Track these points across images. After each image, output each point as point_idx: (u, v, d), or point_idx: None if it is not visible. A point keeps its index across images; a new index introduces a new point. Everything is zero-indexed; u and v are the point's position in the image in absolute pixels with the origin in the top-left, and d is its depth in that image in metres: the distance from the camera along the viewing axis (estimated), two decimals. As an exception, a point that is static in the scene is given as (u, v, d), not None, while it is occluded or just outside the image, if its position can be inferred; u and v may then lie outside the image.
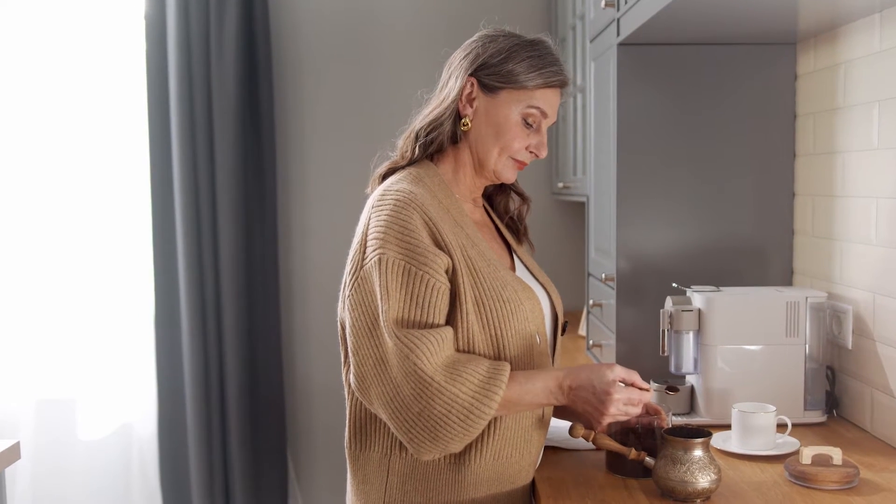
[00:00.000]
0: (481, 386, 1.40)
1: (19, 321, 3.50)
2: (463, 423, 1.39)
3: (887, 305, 1.76)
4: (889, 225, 1.76)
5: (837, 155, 1.96)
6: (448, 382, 1.38)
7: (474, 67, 1.56)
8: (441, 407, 1.38)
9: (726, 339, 1.88)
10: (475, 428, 1.40)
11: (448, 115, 1.57)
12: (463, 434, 1.40)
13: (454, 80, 1.58)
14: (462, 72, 1.57)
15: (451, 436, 1.40)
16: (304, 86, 3.63)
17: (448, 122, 1.57)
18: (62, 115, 3.48)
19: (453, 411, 1.38)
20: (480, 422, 1.40)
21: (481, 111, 1.56)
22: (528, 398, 1.46)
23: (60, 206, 3.51)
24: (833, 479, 1.49)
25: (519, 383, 1.45)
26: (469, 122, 1.57)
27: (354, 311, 1.45)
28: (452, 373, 1.39)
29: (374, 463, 1.54)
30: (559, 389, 1.47)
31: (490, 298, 1.47)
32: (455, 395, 1.38)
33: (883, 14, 1.76)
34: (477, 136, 1.57)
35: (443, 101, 1.58)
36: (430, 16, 3.58)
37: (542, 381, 1.47)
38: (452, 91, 1.57)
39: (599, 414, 1.47)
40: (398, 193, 1.48)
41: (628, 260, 2.21)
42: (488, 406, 1.40)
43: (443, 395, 1.38)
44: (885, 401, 1.77)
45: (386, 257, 1.42)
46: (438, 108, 1.58)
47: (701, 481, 1.42)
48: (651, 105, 2.18)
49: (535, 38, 1.59)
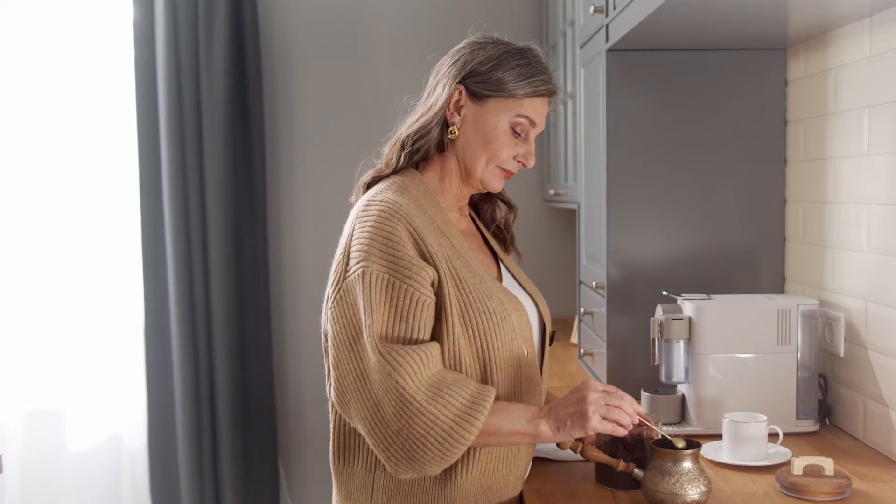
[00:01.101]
0: (463, 410, 1.36)
1: (7, 331, 3.47)
2: (441, 447, 1.35)
3: (879, 313, 1.74)
4: (880, 232, 1.74)
5: (828, 161, 1.94)
6: (429, 403, 1.35)
7: (463, 75, 1.53)
8: (420, 427, 1.35)
9: (717, 348, 1.85)
10: (453, 452, 1.36)
11: (436, 122, 1.54)
12: (440, 457, 1.36)
13: (441, 88, 1.55)
14: (450, 79, 1.54)
15: (429, 458, 1.36)
16: (293, 91, 3.61)
17: (435, 130, 1.55)
18: (50, 124, 3.45)
19: (432, 433, 1.35)
20: (459, 447, 1.36)
21: (469, 119, 1.54)
22: (507, 425, 1.40)
23: (49, 215, 3.47)
24: (825, 491, 1.47)
25: (501, 409, 1.40)
26: (457, 130, 1.55)
27: (336, 323, 1.43)
28: (436, 393, 1.36)
29: (357, 478, 1.52)
30: (539, 412, 1.42)
31: (476, 311, 1.45)
32: (436, 416, 1.35)
33: (872, 19, 1.74)
34: (464, 144, 1.55)
35: (430, 109, 1.55)
36: (421, 21, 3.56)
37: (522, 406, 1.43)
38: (440, 98, 1.54)
39: (584, 405, 1.39)
40: (382, 204, 1.46)
41: (619, 268, 2.19)
42: (468, 431, 1.36)
43: (423, 415, 1.35)
44: (877, 409, 1.75)
45: (370, 270, 1.40)
46: (426, 115, 1.55)
47: (690, 493, 1.40)
48: (641, 111, 2.17)
49: (524, 45, 1.57)
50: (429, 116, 1.55)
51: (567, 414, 1.40)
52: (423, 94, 1.61)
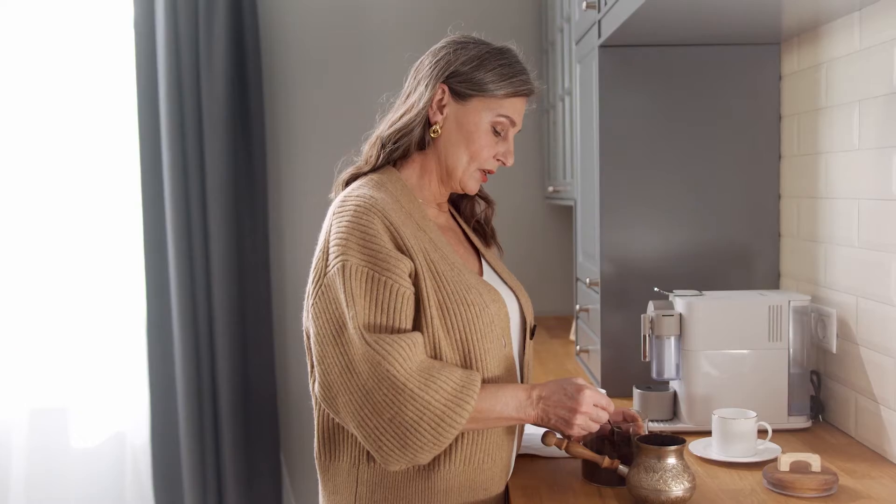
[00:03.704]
0: (454, 394, 1.39)
1: (11, 330, 3.50)
2: (434, 431, 1.37)
3: (870, 309, 1.73)
4: (871, 227, 1.73)
5: (821, 156, 1.93)
6: (421, 389, 1.37)
7: (446, 74, 1.54)
8: (413, 413, 1.36)
9: (708, 344, 1.85)
10: (445, 437, 1.39)
11: (418, 121, 1.55)
12: (433, 443, 1.38)
13: (424, 87, 1.56)
14: (433, 79, 1.55)
15: (421, 444, 1.37)
16: (293, 90, 3.62)
17: (418, 129, 1.56)
18: (52, 124, 3.47)
19: (425, 418, 1.37)
20: (452, 431, 1.39)
21: (451, 118, 1.55)
22: (497, 409, 1.44)
23: (51, 214, 3.50)
24: (811, 487, 1.46)
25: (490, 393, 1.44)
26: (439, 129, 1.56)
27: (318, 319, 1.43)
28: (427, 379, 1.38)
29: (342, 473, 1.53)
30: (528, 400, 1.46)
31: (454, 303, 1.46)
32: (428, 402, 1.37)
33: (862, 13, 1.73)
34: (447, 143, 1.56)
35: (412, 108, 1.56)
36: (421, 20, 3.56)
37: (511, 392, 1.46)
38: (423, 98, 1.55)
39: (573, 413, 1.45)
40: (358, 199, 1.47)
41: (613, 264, 2.19)
42: (460, 415, 1.38)
43: (415, 401, 1.36)
44: (868, 406, 1.74)
45: (349, 264, 1.41)
46: (408, 114, 1.56)
47: (674, 490, 1.40)
48: (634, 107, 2.16)
49: (503, 45, 1.59)
50: (412, 115, 1.55)
51: (555, 415, 1.46)
52: (402, 93, 1.61)
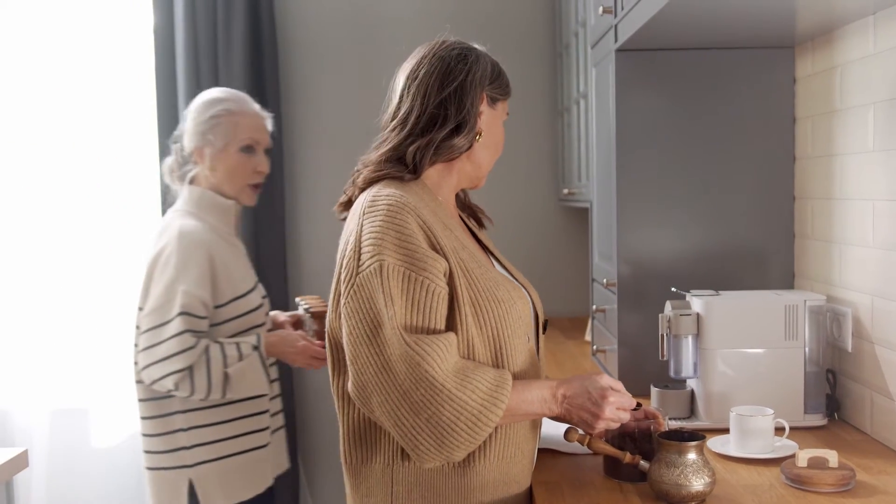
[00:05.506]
0: (489, 393, 1.42)
1: (33, 333, 3.54)
2: (470, 431, 1.40)
3: (885, 308, 1.76)
4: (886, 227, 1.75)
5: (835, 158, 1.96)
6: (458, 389, 1.39)
7: (486, 83, 1.59)
8: (450, 413, 1.39)
9: (725, 343, 1.88)
10: (480, 435, 1.42)
11: (473, 134, 1.57)
12: (469, 441, 1.41)
13: (469, 98, 1.55)
14: (479, 88, 1.56)
15: (458, 443, 1.40)
16: (311, 94, 3.66)
17: (470, 137, 1.56)
18: (71, 128, 3.51)
19: (462, 418, 1.39)
20: (486, 429, 1.42)
21: (485, 123, 1.61)
22: (524, 407, 1.48)
23: (73, 218, 3.54)
24: (829, 482, 1.49)
25: (517, 391, 1.47)
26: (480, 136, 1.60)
27: (351, 318, 1.44)
28: (463, 380, 1.40)
29: (376, 474, 1.53)
30: (553, 399, 1.49)
31: (486, 300, 1.49)
32: (465, 402, 1.39)
33: (876, 16, 1.76)
34: (480, 147, 1.61)
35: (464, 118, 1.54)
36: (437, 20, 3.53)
37: (537, 390, 1.49)
38: (473, 107, 1.55)
39: (595, 418, 1.49)
40: (389, 198, 1.48)
41: (629, 265, 2.22)
42: (495, 413, 1.42)
43: (453, 401, 1.39)
44: (884, 403, 1.77)
45: (386, 263, 1.41)
46: (464, 126, 1.54)
47: (695, 484, 1.43)
48: (650, 110, 2.19)
49: None
50: (469, 126, 1.55)
51: (578, 416, 1.50)
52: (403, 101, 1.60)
